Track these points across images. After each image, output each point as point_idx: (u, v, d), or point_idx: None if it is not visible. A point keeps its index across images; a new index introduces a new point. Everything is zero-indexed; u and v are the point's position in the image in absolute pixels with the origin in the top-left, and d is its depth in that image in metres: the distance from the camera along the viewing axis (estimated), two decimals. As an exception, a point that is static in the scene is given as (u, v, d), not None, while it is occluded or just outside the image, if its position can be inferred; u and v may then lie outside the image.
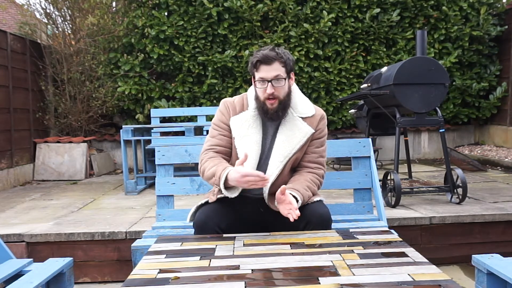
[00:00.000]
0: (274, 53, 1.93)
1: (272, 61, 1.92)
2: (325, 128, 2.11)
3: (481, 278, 1.94)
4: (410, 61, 3.78)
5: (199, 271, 1.43)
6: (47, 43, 6.42)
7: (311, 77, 6.48)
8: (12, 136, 5.51)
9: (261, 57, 1.92)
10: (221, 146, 2.06)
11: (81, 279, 3.22)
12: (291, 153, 2.00)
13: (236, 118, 2.04)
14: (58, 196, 4.73)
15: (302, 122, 2.02)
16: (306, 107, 2.07)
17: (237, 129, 2.02)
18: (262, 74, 1.93)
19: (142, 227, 3.24)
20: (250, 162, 1.98)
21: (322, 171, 2.09)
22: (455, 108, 6.82)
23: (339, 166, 6.01)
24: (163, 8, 6.26)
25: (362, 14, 6.48)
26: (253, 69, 1.97)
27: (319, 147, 2.08)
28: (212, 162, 1.97)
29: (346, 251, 1.58)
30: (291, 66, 1.98)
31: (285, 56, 1.95)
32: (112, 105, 6.35)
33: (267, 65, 1.92)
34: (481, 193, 4.20)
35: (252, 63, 1.96)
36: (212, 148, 2.06)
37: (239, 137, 2.02)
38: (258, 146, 2.01)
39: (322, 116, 2.09)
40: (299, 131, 2.01)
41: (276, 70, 1.92)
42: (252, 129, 2.02)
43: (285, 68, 1.95)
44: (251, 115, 2.03)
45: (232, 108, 2.08)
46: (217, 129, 2.09)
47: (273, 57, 1.92)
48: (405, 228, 3.33)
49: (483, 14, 6.56)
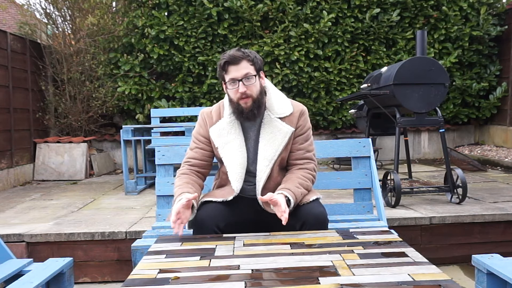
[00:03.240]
0: (240, 52, 1.94)
1: (240, 60, 1.92)
2: (307, 123, 2.10)
3: (481, 278, 1.94)
4: (410, 61, 3.78)
5: (199, 271, 1.43)
6: (47, 43, 6.42)
7: (311, 77, 6.48)
8: (12, 136, 5.51)
9: (228, 58, 1.93)
10: (197, 159, 2.09)
11: (81, 279, 3.22)
12: (276, 155, 2.00)
13: (214, 128, 2.05)
14: (58, 196, 4.73)
15: (281, 123, 2.02)
16: (283, 106, 2.05)
17: (217, 138, 2.04)
18: (232, 75, 1.94)
19: (142, 227, 3.24)
20: (237, 170, 2.00)
21: (312, 164, 2.08)
22: (455, 108, 6.82)
23: (339, 166, 6.01)
24: (163, 8, 6.26)
25: (362, 14, 6.48)
26: (222, 72, 1.97)
27: (303, 143, 2.07)
28: (178, 181, 2.03)
29: (346, 251, 1.58)
30: (260, 64, 1.99)
31: (252, 55, 1.97)
32: (112, 105, 6.36)
33: (235, 65, 1.93)
34: (481, 193, 4.20)
35: (220, 66, 1.96)
36: (187, 161, 2.11)
37: (221, 146, 2.03)
38: (242, 150, 2.02)
39: (301, 112, 2.08)
40: (279, 132, 2.01)
41: (245, 69, 1.93)
42: (232, 135, 2.02)
43: (254, 66, 1.96)
44: (227, 121, 2.03)
45: (209, 118, 2.09)
46: (195, 142, 2.12)
47: (240, 56, 1.93)
48: (405, 228, 3.33)
49: (483, 14, 6.56)
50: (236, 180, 2.00)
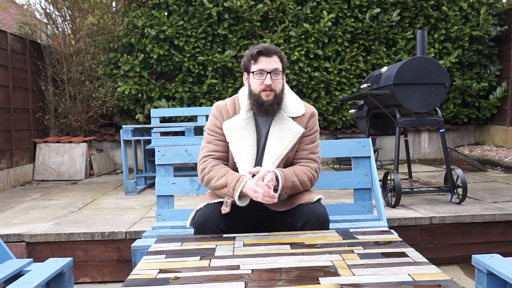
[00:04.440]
0: (274, 47, 1.99)
1: (272, 54, 1.96)
2: (315, 126, 2.11)
3: (481, 278, 1.94)
4: (410, 61, 3.78)
5: (199, 271, 1.43)
6: (47, 43, 6.42)
7: (311, 77, 6.48)
8: (12, 136, 5.50)
9: (262, 48, 1.95)
10: (219, 152, 2.05)
11: (81, 279, 3.22)
12: (283, 153, 2.00)
13: (229, 122, 2.04)
14: (58, 196, 4.73)
15: (292, 122, 2.03)
16: (296, 106, 2.07)
17: (230, 133, 2.02)
18: (262, 66, 1.95)
19: (142, 227, 3.24)
20: (246, 165, 1.99)
21: (315, 165, 2.07)
22: (455, 108, 6.82)
23: (339, 166, 6.01)
24: (163, 8, 6.26)
25: (362, 14, 6.48)
26: (251, 61, 1.98)
27: (309, 144, 2.08)
28: (219, 172, 1.95)
29: (346, 251, 1.58)
30: (285, 65, 2.04)
31: (282, 54, 2.02)
32: (112, 105, 6.35)
33: (267, 57, 1.95)
34: (481, 193, 4.20)
35: (251, 55, 1.97)
36: (211, 155, 2.04)
37: (233, 142, 2.02)
38: (253, 149, 2.02)
39: (312, 114, 2.10)
40: (289, 131, 2.01)
41: (275, 63, 1.97)
42: (246, 132, 2.02)
43: (282, 64, 2.00)
44: (243, 118, 2.03)
45: (225, 111, 2.07)
46: (212, 135, 2.08)
47: (273, 50, 1.97)
48: (405, 228, 3.33)
49: (483, 14, 6.56)
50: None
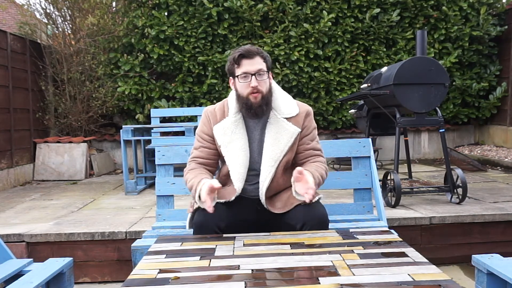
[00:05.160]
0: (255, 48, 1.97)
1: (254, 55, 1.95)
2: (312, 124, 2.11)
3: (481, 278, 1.93)
4: (410, 61, 3.78)
5: (199, 271, 1.43)
6: (47, 43, 6.42)
7: (311, 77, 6.48)
8: (12, 136, 5.50)
9: (243, 51, 1.94)
10: (203, 158, 2.08)
11: (81, 279, 3.22)
12: (281, 155, 2.00)
13: (218, 126, 2.04)
14: (58, 196, 4.73)
15: (288, 123, 2.02)
16: (290, 107, 2.06)
17: (221, 137, 2.03)
18: (245, 68, 1.94)
19: (142, 227, 3.24)
20: (238, 169, 1.99)
21: (322, 158, 2.10)
22: (455, 108, 6.82)
23: (339, 166, 6.01)
24: (163, 8, 6.26)
25: (362, 14, 6.48)
26: (233, 66, 1.97)
27: (310, 142, 2.08)
28: (191, 174, 2.00)
29: (346, 251, 1.58)
30: (270, 64, 2.01)
31: (264, 53, 2.00)
32: (112, 105, 6.35)
33: (249, 59, 1.94)
34: (481, 193, 4.20)
35: (233, 59, 1.96)
36: (194, 160, 2.09)
37: (224, 145, 2.03)
38: (245, 152, 2.01)
39: (307, 112, 2.08)
40: (285, 133, 2.00)
41: (259, 64, 1.95)
42: (236, 135, 2.02)
43: (266, 64, 1.98)
44: (231, 121, 2.02)
45: (213, 116, 2.08)
46: (199, 141, 2.11)
47: (255, 52, 1.95)
48: (405, 228, 3.33)
49: (483, 14, 6.56)
50: (238, 179, 1.99)
